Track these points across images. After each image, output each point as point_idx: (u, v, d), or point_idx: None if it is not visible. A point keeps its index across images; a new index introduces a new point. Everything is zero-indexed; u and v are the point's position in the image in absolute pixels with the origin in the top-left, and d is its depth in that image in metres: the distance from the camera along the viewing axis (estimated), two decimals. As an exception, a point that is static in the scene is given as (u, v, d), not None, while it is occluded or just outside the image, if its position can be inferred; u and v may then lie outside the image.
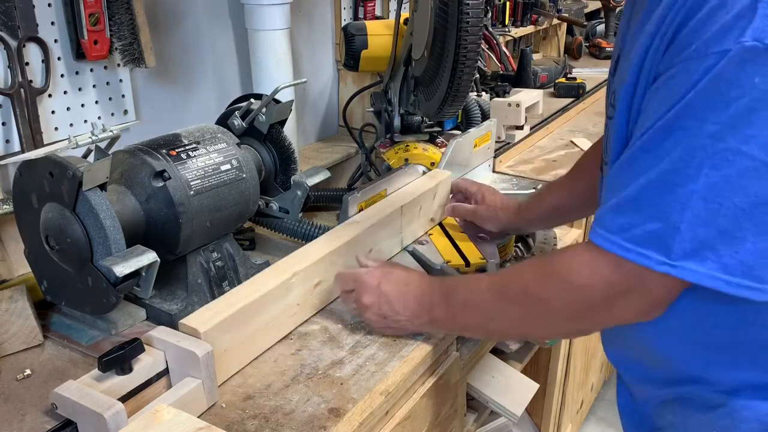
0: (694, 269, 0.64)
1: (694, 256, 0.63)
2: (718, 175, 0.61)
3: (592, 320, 0.77)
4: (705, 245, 0.63)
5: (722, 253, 0.62)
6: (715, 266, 0.63)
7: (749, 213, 0.61)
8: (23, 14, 1.16)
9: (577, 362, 1.85)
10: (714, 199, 0.61)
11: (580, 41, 3.13)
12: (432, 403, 1.04)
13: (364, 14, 1.97)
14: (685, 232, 0.63)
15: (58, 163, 0.92)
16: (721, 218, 0.61)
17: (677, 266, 0.64)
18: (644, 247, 0.66)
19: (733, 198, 0.61)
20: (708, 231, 0.62)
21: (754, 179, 0.60)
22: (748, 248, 0.62)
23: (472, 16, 1.15)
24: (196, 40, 1.52)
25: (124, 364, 0.83)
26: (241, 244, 1.22)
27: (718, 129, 0.61)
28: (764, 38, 0.58)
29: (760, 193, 0.60)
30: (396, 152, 1.50)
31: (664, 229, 0.64)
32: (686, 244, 0.63)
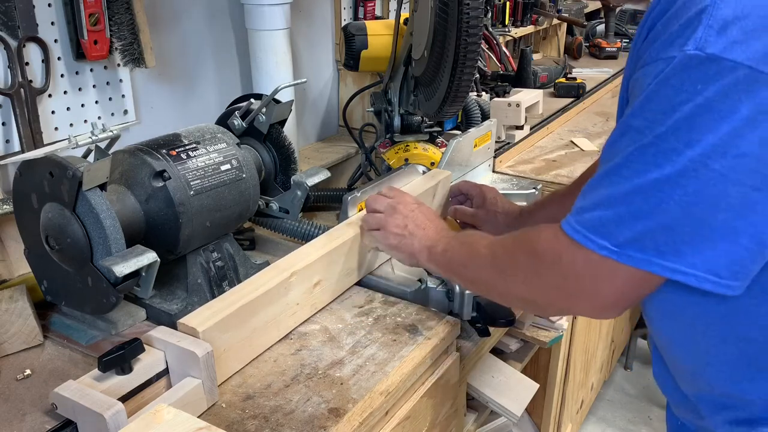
0: (632, 255, 0.68)
1: (634, 244, 0.67)
2: (660, 173, 0.65)
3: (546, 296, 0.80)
4: (645, 234, 0.67)
5: (659, 241, 0.66)
6: (653, 252, 0.67)
7: (686, 210, 0.64)
8: (23, 14, 1.16)
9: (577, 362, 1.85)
10: (655, 194, 0.65)
11: (580, 41, 3.13)
12: (432, 403, 1.04)
13: (364, 14, 1.97)
14: (627, 221, 0.67)
15: (58, 163, 0.92)
16: (661, 213, 0.65)
17: (619, 252, 0.68)
18: (591, 231, 0.70)
19: (674, 195, 0.64)
20: (648, 223, 0.66)
21: (694, 179, 0.63)
22: (684, 239, 0.65)
23: (472, 16, 1.15)
24: (196, 40, 1.52)
25: (124, 364, 0.83)
26: (241, 244, 1.22)
27: (664, 131, 0.65)
28: (705, 47, 0.62)
29: (698, 192, 0.64)
30: (396, 152, 1.50)
31: (610, 217, 0.69)
32: (628, 232, 0.68)
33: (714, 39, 0.62)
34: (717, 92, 0.62)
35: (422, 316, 1.08)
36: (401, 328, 1.05)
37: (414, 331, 1.04)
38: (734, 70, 0.61)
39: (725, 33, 0.62)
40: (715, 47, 0.62)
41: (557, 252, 0.75)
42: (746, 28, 0.61)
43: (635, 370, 2.64)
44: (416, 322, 1.06)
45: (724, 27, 0.62)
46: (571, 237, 0.72)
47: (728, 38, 0.62)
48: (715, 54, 0.62)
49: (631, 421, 2.40)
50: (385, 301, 1.13)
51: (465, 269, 0.94)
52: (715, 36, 0.62)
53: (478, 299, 1.07)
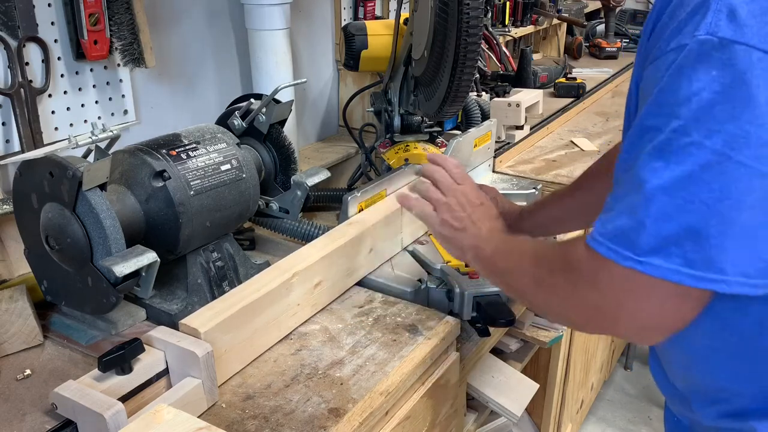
0: (658, 265, 0.63)
1: (659, 252, 0.63)
2: (681, 170, 0.61)
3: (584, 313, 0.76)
4: (669, 241, 0.63)
5: (687, 248, 0.62)
6: (680, 261, 0.62)
7: (713, 209, 0.61)
8: (23, 14, 1.16)
9: (577, 362, 1.85)
10: (678, 194, 0.62)
11: (580, 41, 3.13)
12: (432, 403, 1.04)
13: (364, 14, 1.97)
14: (650, 227, 0.63)
15: (58, 163, 0.92)
16: (686, 214, 0.61)
17: (643, 261, 0.64)
18: (613, 242, 0.66)
19: (698, 193, 0.61)
20: (672, 226, 0.62)
21: (718, 174, 0.60)
22: (712, 243, 0.61)
23: (472, 16, 1.15)
24: (196, 40, 1.52)
25: (124, 364, 0.83)
26: (241, 244, 1.22)
27: (682, 124, 0.61)
28: (717, 32, 0.59)
29: (723, 188, 0.60)
30: (396, 152, 1.50)
31: (632, 224, 0.65)
32: (651, 240, 0.63)
33: (725, 23, 0.59)
34: (734, 78, 0.59)
35: (422, 316, 1.08)
36: (401, 328, 1.05)
37: (414, 331, 1.04)
38: (749, 54, 0.59)
39: (735, 17, 0.59)
40: (727, 31, 0.59)
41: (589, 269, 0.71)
42: (755, 12, 0.60)
43: (635, 370, 2.64)
44: (416, 322, 1.06)
45: (732, 11, 0.60)
46: (595, 250, 0.68)
47: (739, 22, 0.59)
48: (728, 38, 0.59)
49: (631, 421, 2.40)
50: (385, 301, 1.13)
51: (508, 277, 0.90)
52: (726, 20, 0.60)
53: (478, 299, 1.07)
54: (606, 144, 1.98)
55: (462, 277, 1.09)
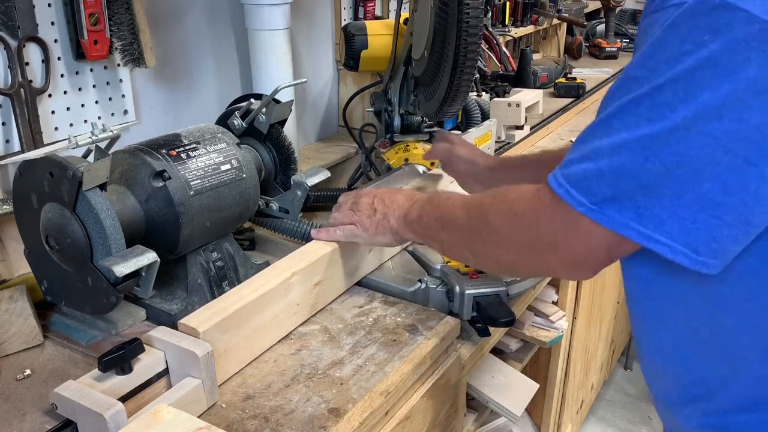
0: (611, 215, 0.64)
1: (614, 203, 0.64)
2: (650, 129, 0.61)
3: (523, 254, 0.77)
4: (625, 194, 0.63)
5: (640, 204, 0.62)
6: (631, 215, 0.63)
7: (671, 173, 0.60)
8: (23, 14, 1.16)
9: (577, 362, 1.85)
10: (641, 152, 0.61)
11: (580, 41, 3.13)
12: (432, 403, 1.04)
13: (364, 14, 1.97)
14: (608, 178, 0.64)
15: (58, 163, 0.92)
16: (645, 172, 0.61)
17: (596, 210, 0.65)
18: (573, 186, 0.67)
19: (660, 155, 0.60)
20: (630, 182, 0.62)
21: (682, 140, 0.59)
22: (664, 204, 0.61)
23: (472, 16, 1.15)
24: (196, 40, 1.52)
25: (124, 364, 0.83)
26: (241, 244, 1.22)
27: (661, 83, 0.60)
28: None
29: (684, 154, 0.59)
30: (396, 152, 1.50)
31: (593, 171, 0.65)
32: (608, 190, 0.64)
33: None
34: (724, 46, 0.56)
35: (422, 316, 1.08)
36: (401, 328, 1.05)
37: (414, 331, 1.04)
38: (748, 23, 0.55)
39: None
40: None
41: (536, 209, 0.72)
42: None
43: (635, 370, 2.65)
44: (416, 322, 1.06)
45: None
46: (554, 191, 0.69)
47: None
48: (729, 1, 0.56)
49: (631, 421, 2.40)
50: (385, 301, 1.13)
51: (441, 232, 0.91)
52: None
53: (478, 299, 1.07)
54: (606, 144, 1.98)
55: (462, 277, 1.09)
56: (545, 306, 1.56)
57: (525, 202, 0.75)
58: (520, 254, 0.77)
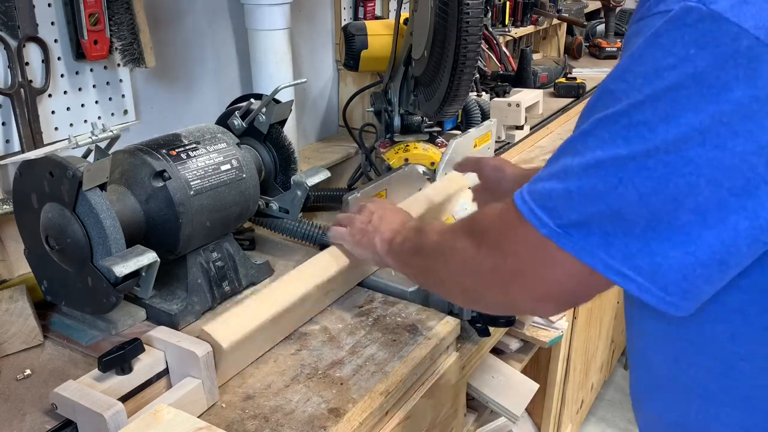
0: (575, 241, 0.58)
1: (580, 228, 0.58)
2: (625, 150, 0.54)
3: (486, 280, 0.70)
4: (592, 219, 0.57)
5: (608, 232, 0.56)
6: (599, 241, 0.57)
7: (645, 200, 0.54)
8: (23, 14, 1.16)
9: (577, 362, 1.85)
10: (614, 174, 0.55)
11: (580, 41, 3.13)
12: (432, 403, 1.04)
13: (364, 14, 1.97)
14: (576, 200, 0.57)
15: (58, 163, 0.92)
16: (617, 197, 0.55)
17: (560, 234, 0.59)
18: (538, 205, 0.61)
19: (634, 179, 0.54)
20: (599, 206, 0.56)
21: (661, 164, 0.53)
22: (635, 234, 0.55)
23: (472, 16, 1.15)
24: (196, 40, 1.52)
25: (124, 364, 0.83)
26: (241, 244, 1.22)
27: (641, 99, 0.54)
28: (709, 2, 0.51)
29: (662, 181, 0.53)
30: (396, 152, 1.50)
31: (560, 191, 0.59)
32: (574, 213, 0.58)
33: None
34: (711, 63, 0.51)
35: (422, 316, 1.08)
36: (401, 328, 1.05)
37: (414, 331, 1.04)
38: (737, 39, 0.50)
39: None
40: (721, 4, 0.50)
41: (499, 228, 0.66)
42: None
43: (635, 370, 2.64)
44: (416, 322, 1.06)
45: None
46: (518, 209, 0.62)
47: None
48: (719, 12, 0.50)
49: (631, 421, 2.40)
50: (385, 301, 1.13)
51: (413, 258, 0.86)
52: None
53: (478, 299, 1.07)
54: (606, 144, 1.98)
55: (462, 277, 1.09)
56: (545, 306, 1.56)
57: (488, 219, 0.69)
58: (483, 281, 0.70)
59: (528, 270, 0.64)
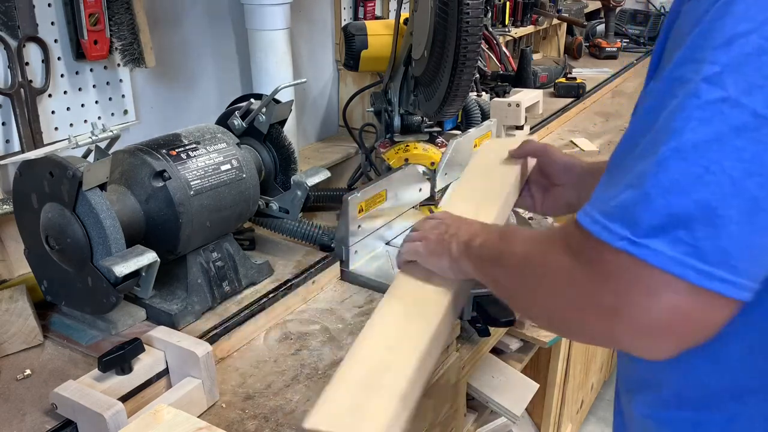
0: (660, 250, 0.49)
1: (663, 234, 0.49)
2: (707, 132, 0.48)
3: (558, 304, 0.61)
4: (679, 220, 0.49)
5: (699, 234, 0.48)
6: (688, 249, 0.48)
7: (739, 184, 0.47)
8: (23, 14, 1.16)
9: (577, 362, 1.85)
10: (698, 161, 0.48)
11: (580, 41, 3.13)
12: (432, 403, 1.04)
13: (364, 14, 1.97)
14: (655, 200, 0.49)
15: (58, 163, 0.92)
16: (704, 187, 0.48)
17: (640, 244, 0.50)
18: (611, 219, 0.52)
19: (723, 161, 0.47)
20: (684, 202, 0.48)
21: (753, 141, 0.47)
22: (730, 231, 0.48)
23: (472, 16, 1.15)
24: (196, 40, 1.52)
25: (124, 364, 0.84)
26: (241, 244, 1.22)
27: (717, 72, 0.48)
28: None
29: (756, 160, 0.47)
30: (396, 152, 1.50)
31: (635, 197, 0.51)
32: (655, 217, 0.49)
33: None
34: None
35: (422, 316, 1.07)
36: (401, 328, 1.05)
37: (414, 331, 1.04)
38: None
39: None
40: None
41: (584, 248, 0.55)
42: None
43: (635, 370, 2.64)
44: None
45: None
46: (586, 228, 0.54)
47: None
48: None
49: (631, 421, 2.40)
50: (385, 301, 1.13)
51: (495, 268, 0.74)
52: None
53: (478, 299, 1.07)
54: (606, 144, 1.98)
55: (462, 277, 1.09)
56: (545, 306, 1.56)
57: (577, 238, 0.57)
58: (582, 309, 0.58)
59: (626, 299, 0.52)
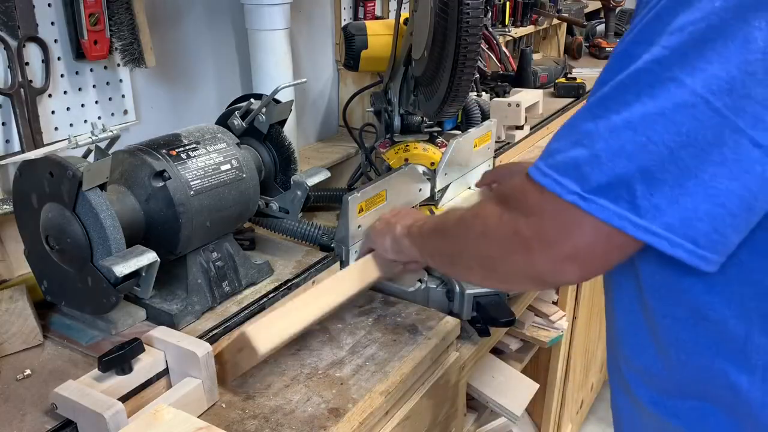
0: (604, 205, 0.58)
1: (608, 192, 0.58)
2: (654, 106, 0.55)
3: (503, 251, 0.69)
4: (622, 181, 0.57)
5: (637, 194, 0.57)
6: (627, 206, 0.57)
7: (675, 154, 0.55)
8: (23, 14, 1.16)
9: (577, 362, 1.85)
10: (644, 132, 0.56)
11: (580, 41, 3.13)
12: (432, 403, 1.04)
13: (364, 14, 1.97)
14: (605, 162, 0.57)
15: (58, 163, 0.92)
16: (646, 154, 0.56)
17: (588, 198, 0.58)
18: (562, 174, 0.60)
19: (664, 134, 0.55)
20: (628, 166, 0.57)
21: (689, 117, 0.54)
22: (664, 192, 0.56)
23: (472, 16, 1.15)
24: (196, 40, 1.52)
25: (124, 364, 0.84)
26: (241, 244, 1.22)
27: (667, 55, 0.55)
28: None
29: (691, 133, 0.54)
30: (396, 152, 1.50)
31: (586, 156, 0.59)
32: (602, 177, 0.58)
33: None
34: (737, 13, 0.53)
35: (422, 316, 1.08)
36: (401, 328, 1.05)
37: (414, 331, 1.04)
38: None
39: None
40: None
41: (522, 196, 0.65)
42: None
43: (635, 370, 2.64)
44: (416, 322, 1.06)
45: None
46: (538, 182, 0.62)
47: None
48: None
49: (631, 421, 2.40)
50: (385, 301, 1.13)
51: (433, 237, 0.87)
52: None
53: (478, 299, 1.07)
54: (606, 144, 1.98)
55: (462, 277, 1.09)
56: (545, 306, 1.56)
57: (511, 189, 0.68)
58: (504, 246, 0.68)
59: (551, 233, 0.62)
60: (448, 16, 1.18)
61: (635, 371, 0.76)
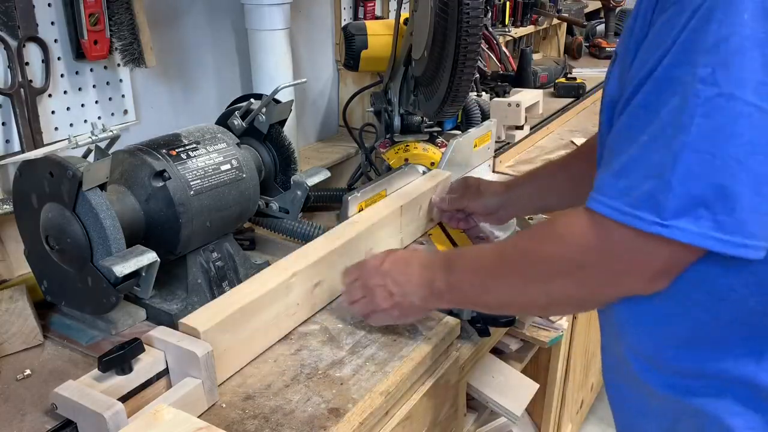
0: (685, 228, 0.60)
1: (687, 214, 0.60)
2: (710, 124, 0.58)
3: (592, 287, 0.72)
4: (698, 202, 0.59)
5: (717, 210, 0.59)
6: (709, 224, 0.59)
7: (744, 163, 0.57)
8: (23, 14, 1.16)
9: (577, 362, 1.85)
10: (707, 150, 0.58)
11: (580, 41, 3.13)
12: (432, 403, 1.04)
13: (364, 14, 1.97)
14: (676, 188, 0.59)
15: (58, 163, 0.92)
16: (715, 171, 0.58)
17: (669, 226, 0.60)
18: (639, 208, 0.62)
19: (727, 148, 0.57)
20: (701, 186, 0.59)
21: (748, 126, 0.57)
22: (743, 204, 0.58)
23: (472, 16, 1.15)
24: (196, 40, 1.52)
25: (124, 364, 0.83)
26: (241, 244, 1.22)
27: (710, 72, 0.58)
28: None
29: (755, 140, 0.57)
30: (396, 152, 1.50)
31: (658, 186, 0.61)
32: (678, 201, 0.60)
33: None
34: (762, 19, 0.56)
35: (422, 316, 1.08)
36: (401, 328, 1.05)
37: (414, 331, 1.04)
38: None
39: None
40: None
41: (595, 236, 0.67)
42: None
43: (635, 370, 2.64)
44: (416, 322, 1.06)
45: None
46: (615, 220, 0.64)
47: None
48: None
49: (631, 421, 2.40)
50: (385, 301, 1.13)
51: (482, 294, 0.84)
52: None
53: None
54: (606, 144, 1.98)
55: (462, 277, 1.09)
56: (545, 306, 1.55)
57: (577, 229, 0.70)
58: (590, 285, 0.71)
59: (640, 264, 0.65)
60: (448, 16, 1.18)
61: (644, 359, 0.76)
